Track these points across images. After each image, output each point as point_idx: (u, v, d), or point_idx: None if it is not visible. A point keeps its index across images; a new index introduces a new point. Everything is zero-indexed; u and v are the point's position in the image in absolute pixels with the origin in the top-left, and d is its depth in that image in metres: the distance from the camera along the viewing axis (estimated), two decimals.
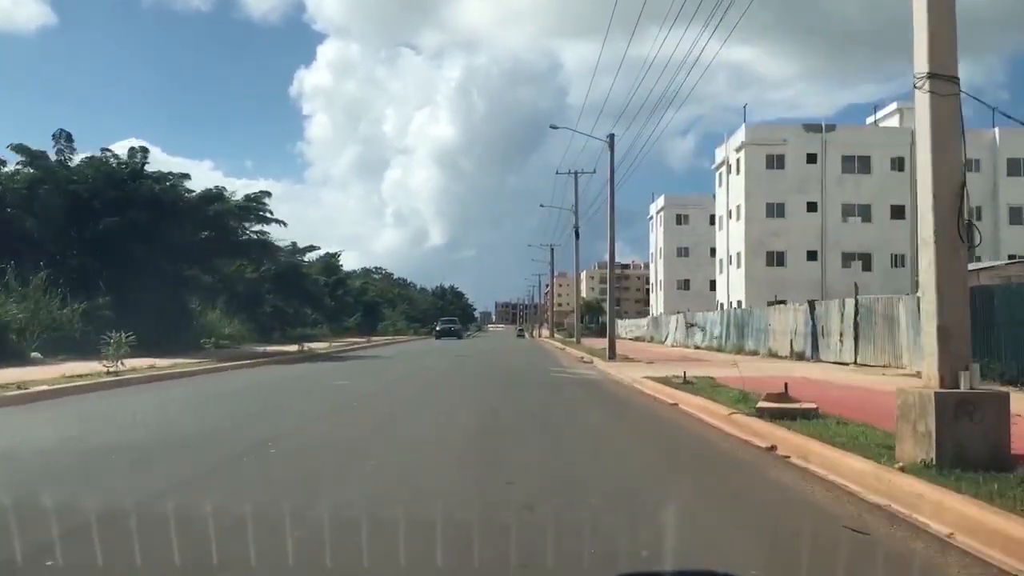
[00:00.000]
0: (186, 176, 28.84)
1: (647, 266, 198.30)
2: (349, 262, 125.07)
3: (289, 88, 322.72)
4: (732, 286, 50.25)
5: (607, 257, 29.13)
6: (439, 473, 6.75)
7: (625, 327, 68.11)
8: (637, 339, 58.40)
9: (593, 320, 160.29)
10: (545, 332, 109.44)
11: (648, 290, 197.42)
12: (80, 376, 15.10)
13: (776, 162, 47.43)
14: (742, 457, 7.80)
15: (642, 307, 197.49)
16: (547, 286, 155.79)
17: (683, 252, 70.34)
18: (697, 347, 40.61)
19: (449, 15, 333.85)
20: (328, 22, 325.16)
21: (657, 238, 74.05)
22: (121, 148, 28.13)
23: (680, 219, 70.44)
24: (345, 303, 62.25)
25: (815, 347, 26.71)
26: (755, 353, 31.60)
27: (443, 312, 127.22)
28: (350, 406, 12.68)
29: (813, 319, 27.09)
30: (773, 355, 29.63)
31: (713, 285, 66.14)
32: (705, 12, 30.74)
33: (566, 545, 4.24)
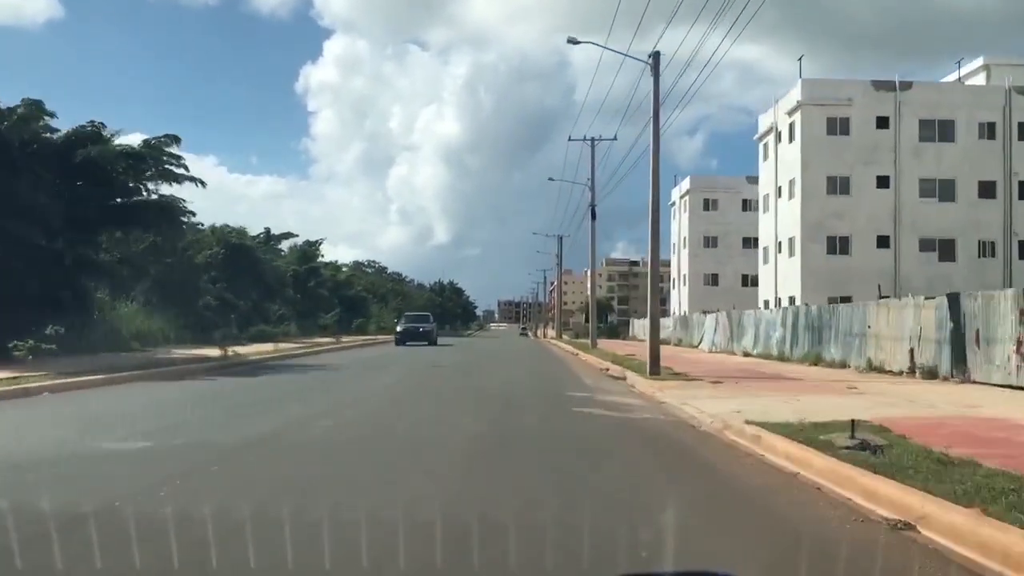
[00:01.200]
0: (50, 114, 20.11)
1: (662, 264, 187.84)
2: (348, 259, 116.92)
3: (295, 84, 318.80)
4: (783, 279, 41.39)
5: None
6: None
7: (644, 328, 59.34)
8: (661, 342, 49.53)
9: (602, 319, 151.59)
10: (551, 332, 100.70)
11: (660, 287, 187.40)
12: None
13: (839, 127, 38.62)
14: None
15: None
16: (552, 283, 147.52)
17: (711, 242, 61.41)
18: (747, 354, 31.91)
19: (456, 11, 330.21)
20: (335, 17, 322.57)
21: (680, 227, 65.17)
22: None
23: (708, 204, 61.52)
24: (319, 297, 53.60)
25: (959, 360, 17.94)
26: (843, 365, 22.97)
27: (442, 311, 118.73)
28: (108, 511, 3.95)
29: (957, 319, 18.25)
30: (878, 369, 20.92)
31: (746, 280, 57.32)
32: (712, 10, 23.30)
33: None
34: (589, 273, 38.06)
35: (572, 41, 21.19)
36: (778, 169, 41.76)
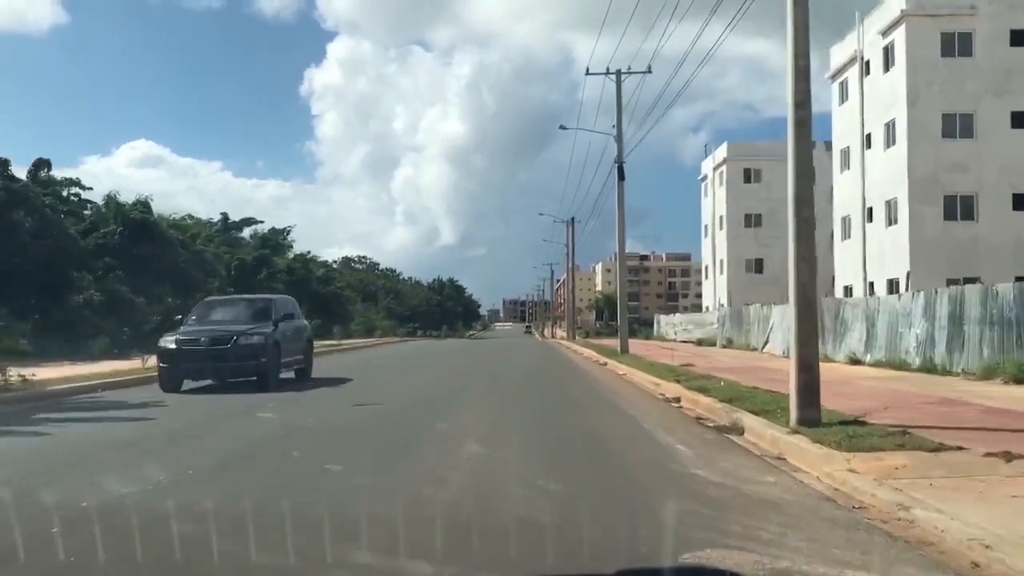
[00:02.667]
0: None
1: (674, 257, 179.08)
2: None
3: (300, 87, 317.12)
4: (877, 256, 30.83)
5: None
6: None
7: (673, 326, 48.99)
8: (699, 343, 39.20)
9: (614, 317, 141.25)
10: (560, 332, 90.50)
11: (672, 282, 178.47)
12: None
13: (957, 45, 28.15)
14: None
15: (664, 303, 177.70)
16: (560, 280, 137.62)
17: (753, 221, 50.82)
18: (856, 360, 21.87)
19: (460, 10, 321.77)
20: (339, 19, 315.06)
21: (714, 204, 54.59)
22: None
23: (749, 175, 50.92)
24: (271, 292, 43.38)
25: None
26: None
27: (441, 311, 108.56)
28: None
29: None
30: None
31: None
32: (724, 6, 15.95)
33: None
34: (618, 244, 27.71)
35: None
36: (864, 112, 31.24)
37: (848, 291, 33.05)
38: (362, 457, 7.80)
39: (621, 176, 28.39)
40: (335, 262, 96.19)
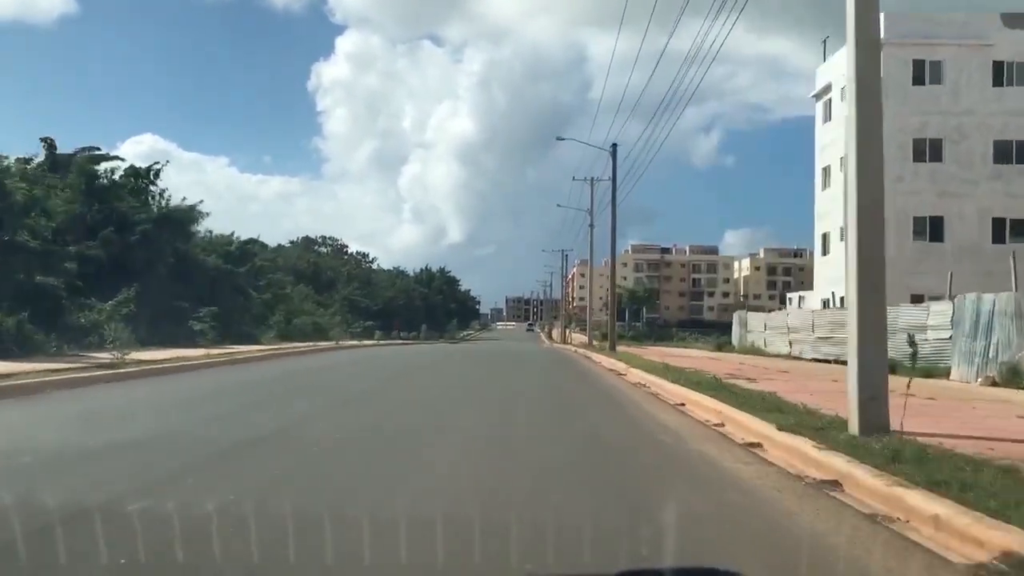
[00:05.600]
0: None
1: (698, 250, 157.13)
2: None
3: (307, 81, 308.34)
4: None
5: None
6: None
7: (784, 332, 28.95)
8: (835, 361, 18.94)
9: (636, 317, 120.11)
10: (577, 336, 69.99)
11: (696, 278, 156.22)
12: None
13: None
14: None
15: (686, 302, 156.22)
16: (572, 272, 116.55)
17: (929, 150, 30.45)
18: None
19: (471, 5, 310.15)
20: (348, 13, 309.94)
21: (845, 129, 34.07)
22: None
23: (925, 72, 30.47)
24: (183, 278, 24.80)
25: None
26: None
27: (426, 306, 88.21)
28: None
29: None
30: None
31: (1009, 227, 27.19)
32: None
33: None
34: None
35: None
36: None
37: None
38: None
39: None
40: (293, 243, 75.93)
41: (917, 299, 22.66)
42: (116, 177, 30.40)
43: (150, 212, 29.97)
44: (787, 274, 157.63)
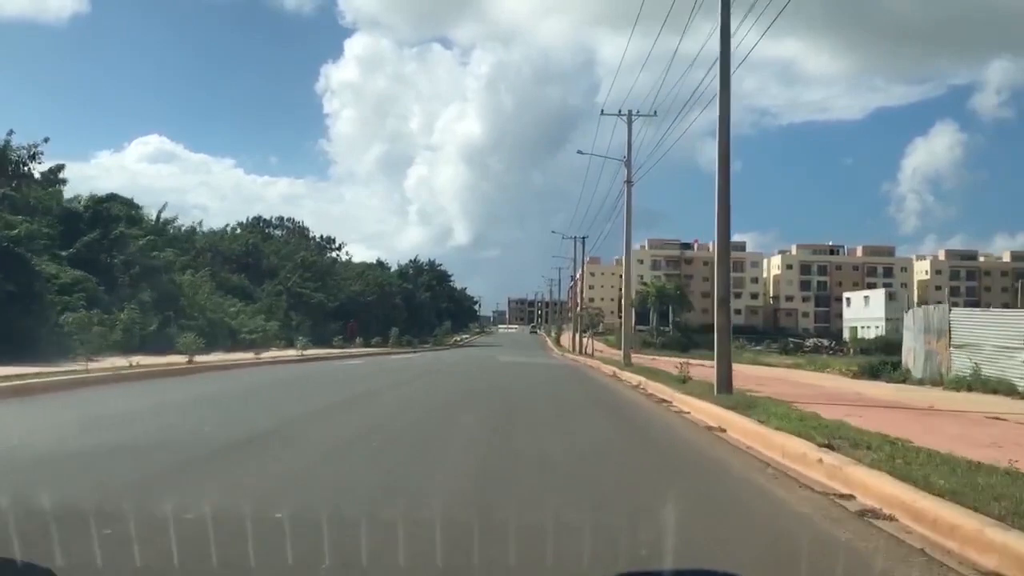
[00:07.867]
0: None
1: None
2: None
3: (316, 83, 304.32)
4: None
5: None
6: None
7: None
8: None
9: (664, 321, 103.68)
10: (599, 345, 53.89)
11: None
12: None
13: None
14: None
15: (710, 304, 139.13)
16: (585, 266, 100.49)
17: None
18: None
19: (481, 7, 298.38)
20: (358, 15, 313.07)
21: None
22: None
23: None
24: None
25: None
26: None
27: (409, 305, 72.50)
28: None
29: None
30: None
31: None
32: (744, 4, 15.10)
33: None
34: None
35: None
36: None
37: None
38: None
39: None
40: (240, 224, 60.28)
41: None
42: None
43: None
44: (823, 273, 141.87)
